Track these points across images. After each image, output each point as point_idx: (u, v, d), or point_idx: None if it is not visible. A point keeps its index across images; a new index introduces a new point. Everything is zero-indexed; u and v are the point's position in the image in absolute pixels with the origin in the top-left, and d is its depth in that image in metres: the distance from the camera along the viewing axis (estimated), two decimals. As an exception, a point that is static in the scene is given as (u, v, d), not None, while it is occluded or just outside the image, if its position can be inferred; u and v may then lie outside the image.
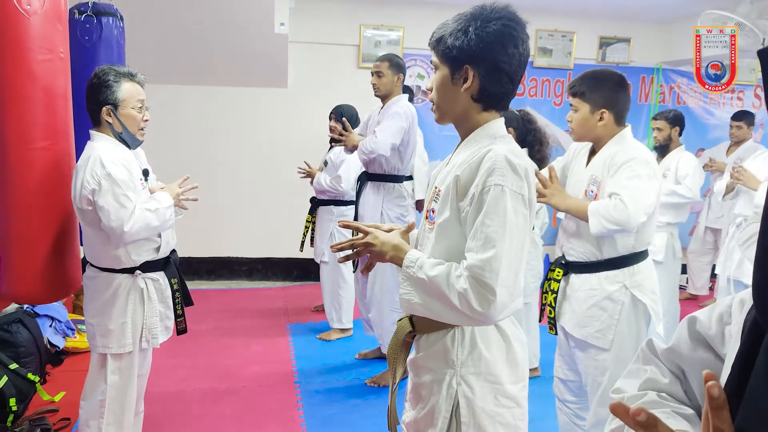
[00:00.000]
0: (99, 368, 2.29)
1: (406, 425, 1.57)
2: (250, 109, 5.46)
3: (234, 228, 5.60)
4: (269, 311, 4.83)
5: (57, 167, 2.32)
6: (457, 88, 1.42)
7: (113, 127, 2.24)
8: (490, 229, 1.31)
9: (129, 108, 2.24)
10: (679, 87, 6.12)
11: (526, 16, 1.45)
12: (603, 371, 2.18)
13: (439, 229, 1.43)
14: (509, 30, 1.38)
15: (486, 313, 1.30)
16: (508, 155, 1.36)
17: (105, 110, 2.22)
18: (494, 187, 1.33)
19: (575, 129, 2.27)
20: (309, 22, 5.37)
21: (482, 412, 1.42)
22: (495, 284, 1.29)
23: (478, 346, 1.44)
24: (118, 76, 2.23)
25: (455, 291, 1.32)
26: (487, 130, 1.45)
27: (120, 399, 2.29)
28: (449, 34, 1.40)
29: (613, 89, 2.21)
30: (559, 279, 2.29)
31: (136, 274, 2.26)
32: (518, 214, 1.33)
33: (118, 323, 2.24)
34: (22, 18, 2.16)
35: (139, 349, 2.31)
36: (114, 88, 2.22)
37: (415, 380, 1.53)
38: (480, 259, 1.30)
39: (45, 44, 2.23)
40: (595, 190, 2.19)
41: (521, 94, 5.86)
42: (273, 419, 3.08)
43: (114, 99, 2.22)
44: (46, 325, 3.51)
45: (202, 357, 3.81)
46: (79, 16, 2.89)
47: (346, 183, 4.07)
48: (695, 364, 0.79)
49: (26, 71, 2.20)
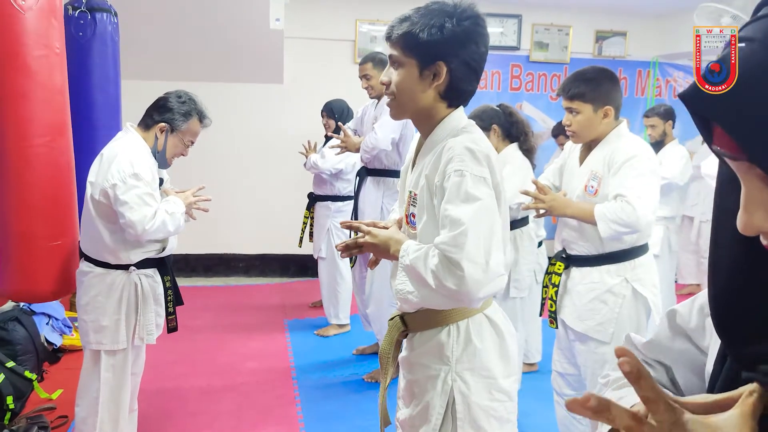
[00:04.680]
0: (92, 365, 2.28)
1: (400, 423, 1.57)
2: (245, 105, 5.44)
3: (231, 224, 5.59)
4: (267, 308, 4.83)
5: (55, 163, 2.30)
6: (425, 83, 1.42)
7: (156, 142, 2.26)
8: (455, 211, 1.32)
9: (181, 139, 2.30)
10: (675, 80, 6.12)
11: (522, 9, 1.46)
12: (602, 364, 2.18)
13: (422, 233, 1.44)
14: (480, 29, 1.40)
15: (459, 291, 1.30)
16: (467, 143, 1.37)
17: (163, 126, 2.26)
18: (454, 173, 1.34)
19: (578, 132, 2.22)
20: (305, 18, 5.35)
21: (477, 407, 1.43)
22: (461, 259, 1.28)
23: (473, 341, 1.44)
24: (195, 112, 2.30)
25: (429, 270, 1.33)
26: (447, 124, 1.45)
27: (115, 396, 2.28)
28: (420, 29, 1.38)
29: (611, 85, 2.21)
30: (561, 273, 2.29)
31: (130, 270, 2.25)
32: (482, 193, 1.33)
33: (112, 319, 2.23)
34: (16, 13, 2.15)
35: (132, 346, 2.29)
36: (185, 118, 2.27)
37: (409, 377, 1.53)
38: (447, 236, 1.31)
39: (40, 40, 2.22)
40: (596, 186, 2.18)
41: (517, 88, 5.86)
42: (271, 415, 3.08)
43: (178, 125, 2.27)
44: (42, 322, 3.50)
45: (200, 353, 3.81)
46: (73, 12, 2.87)
47: (329, 162, 4.06)
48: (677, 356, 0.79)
49: (22, 67, 2.19)
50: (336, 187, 4.21)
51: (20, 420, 2.81)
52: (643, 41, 5.98)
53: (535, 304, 3.25)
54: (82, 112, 2.87)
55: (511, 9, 5.56)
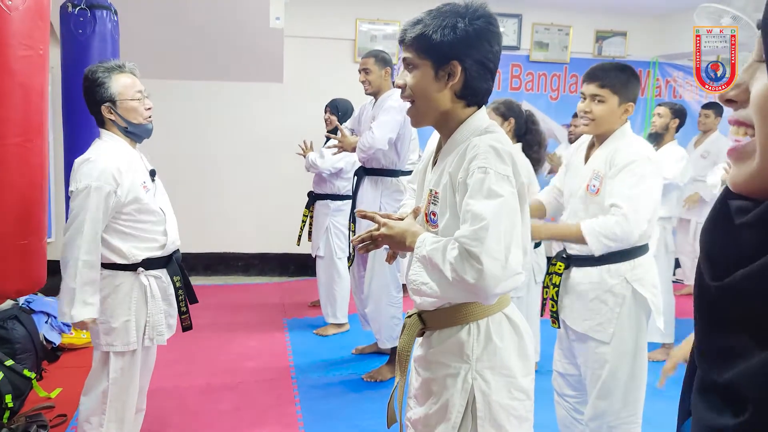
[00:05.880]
0: (102, 365, 2.27)
1: (412, 423, 1.57)
2: (245, 104, 5.44)
3: (230, 223, 5.59)
4: (266, 307, 4.83)
5: (29, 163, 2.29)
6: (441, 84, 1.43)
7: (117, 123, 2.21)
8: (477, 206, 1.33)
9: (128, 100, 2.20)
10: (675, 81, 6.12)
11: (523, 9, 1.47)
12: (602, 364, 2.18)
13: (444, 230, 1.45)
14: (493, 28, 1.43)
15: (477, 285, 1.31)
16: (492, 142, 1.39)
17: (105, 108, 2.19)
18: (478, 170, 1.35)
19: (598, 120, 2.18)
20: (305, 17, 5.35)
21: (498, 405, 1.44)
22: (480, 252, 1.29)
23: (493, 339, 1.45)
24: (108, 71, 2.19)
25: (448, 263, 1.34)
26: (470, 125, 1.47)
27: (122, 396, 2.27)
28: (433, 30, 1.40)
29: (637, 84, 2.22)
30: (561, 273, 2.29)
31: (138, 271, 2.24)
32: (505, 191, 1.35)
33: (121, 321, 2.22)
34: (3, 13, 2.13)
35: (141, 347, 2.29)
36: (107, 84, 2.17)
37: (426, 375, 1.53)
38: (468, 229, 1.32)
39: (25, 40, 2.20)
40: (597, 185, 2.17)
41: (517, 88, 5.86)
42: (270, 414, 3.08)
43: (110, 95, 2.18)
44: (41, 321, 3.51)
45: (199, 353, 3.81)
46: (72, 10, 2.88)
47: (328, 161, 4.07)
48: None
49: (4, 67, 2.17)
50: (336, 185, 4.21)
51: (19, 418, 2.81)
52: (643, 41, 5.98)
53: (533, 304, 3.25)
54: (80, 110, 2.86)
55: (511, 8, 5.56)
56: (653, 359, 3.99)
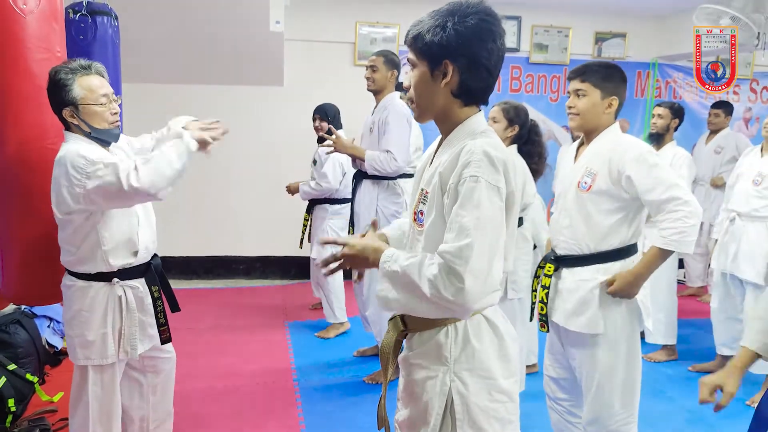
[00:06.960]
0: (81, 381, 2.19)
1: (399, 424, 1.57)
2: (245, 108, 5.45)
3: (231, 226, 5.60)
4: (267, 309, 4.84)
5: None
6: (436, 83, 1.43)
7: (81, 128, 2.08)
8: (464, 219, 1.31)
9: (91, 105, 2.05)
10: (675, 82, 6.13)
11: (522, 11, 1.46)
12: (597, 366, 2.18)
13: (429, 230, 1.43)
14: (487, 25, 1.39)
15: (456, 302, 1.30)
16: (486, 148, 1.36)
17: (66, 112, 2.06)
18: (469, 179, 1.33)
19: (582, 113, 2.24)
20: (305, 20, 5.37)
21: (476, 407, 1.43)
22: (464, 271, 1.28)
23: (471, 342, 1.44)
24: (71, 72, 2.04)
25: (426, 279, 1.32)
26: (467, 126, 1.46)
27: (106, 410, 2.20)
28: (426, 30, 1.40)
29: (621, 80, 2.26)
30: (551, 275, 2.29)
31: (113, 281, 2.14)
32: (493, 205, 1.33)
33: (98, 334, 2.13)
34: (18, 17, 2.16)
35: (118, 360, 2.20)
36: (69, 86, 2.03)
37: (408, 378, 1.53)
38: (452, 246, 1.31)
39: (42, 43, 2.22)
40: (589, 182, 2.18)
41: (517, 90, 5.87)
42: (272, 417, 3.09)
43: (72, 99, 2.04)
44: (44, 325, 3.51)
45: (201, 356, 3.81)
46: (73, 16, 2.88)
47: (333, 179, 4.14)
48: None
49: (24, 70, 2.19)
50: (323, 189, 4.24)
51: (22, 423, 2.81)
52: (643, 42, 5.99)
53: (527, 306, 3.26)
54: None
55: (510, 10, 5.57)
56: (654, 360, 4.00)
